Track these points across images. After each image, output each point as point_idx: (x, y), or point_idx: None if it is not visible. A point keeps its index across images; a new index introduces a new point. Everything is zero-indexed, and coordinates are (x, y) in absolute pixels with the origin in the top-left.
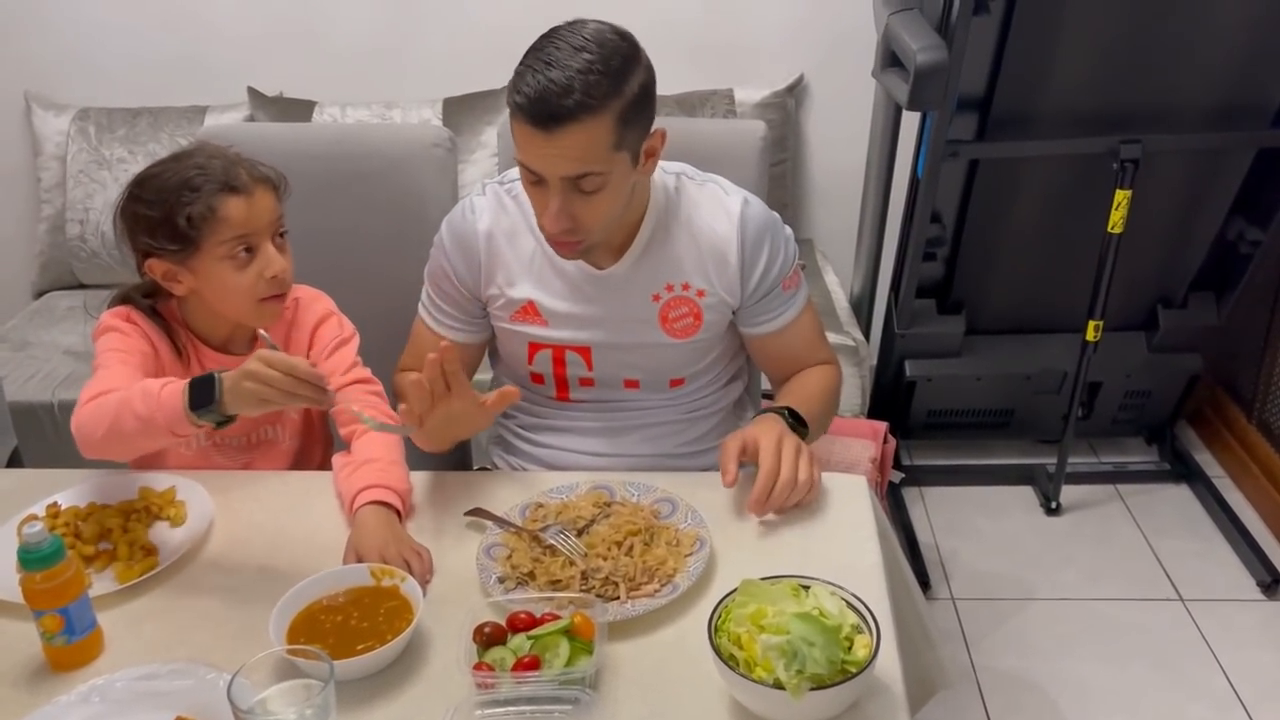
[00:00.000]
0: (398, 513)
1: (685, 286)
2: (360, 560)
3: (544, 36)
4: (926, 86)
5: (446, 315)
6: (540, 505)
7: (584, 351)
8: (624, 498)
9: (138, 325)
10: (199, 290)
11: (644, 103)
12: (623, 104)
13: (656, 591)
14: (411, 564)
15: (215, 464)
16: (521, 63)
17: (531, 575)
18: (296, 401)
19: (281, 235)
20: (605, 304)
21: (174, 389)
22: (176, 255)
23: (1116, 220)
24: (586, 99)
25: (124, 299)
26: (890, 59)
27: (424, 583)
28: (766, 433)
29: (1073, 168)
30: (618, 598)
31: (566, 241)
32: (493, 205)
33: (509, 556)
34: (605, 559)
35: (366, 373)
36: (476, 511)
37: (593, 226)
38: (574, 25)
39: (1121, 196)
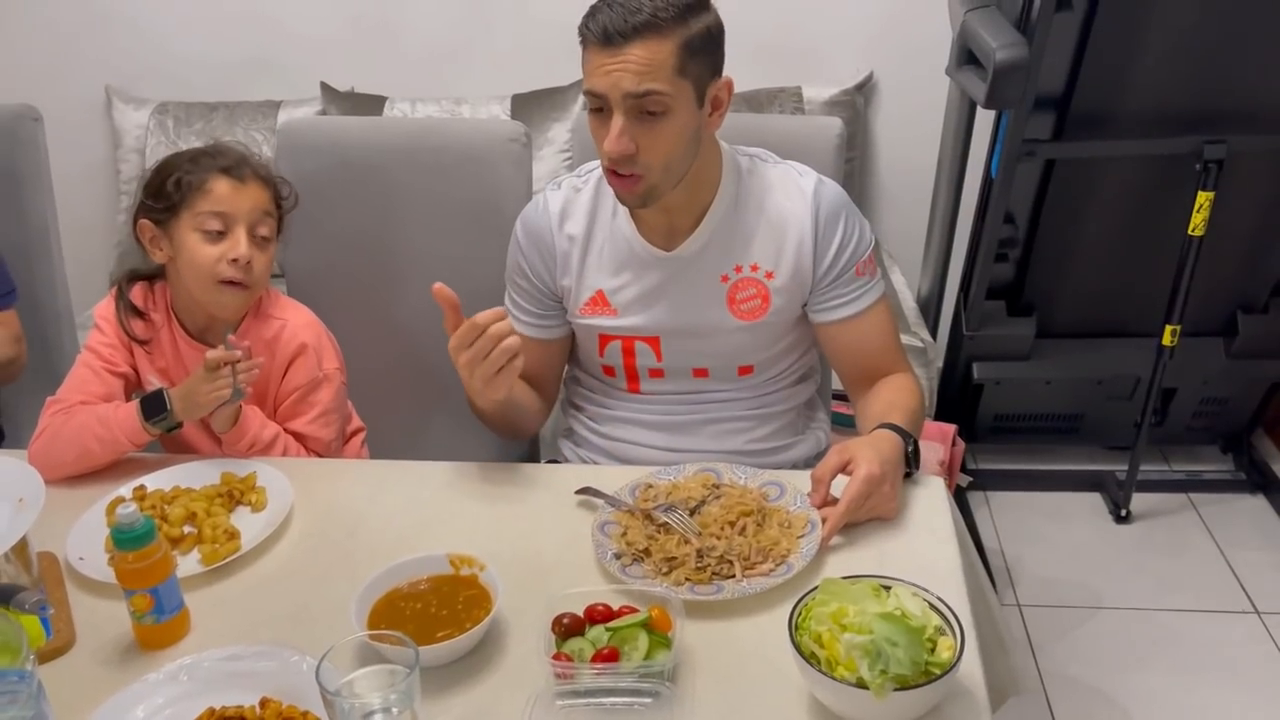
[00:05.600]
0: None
1: (754, 268)
2: None
3: None
4: (1005, 84)
5: (524, 312)
6: (650, 485)
7: (653, 342)
8: (731, 480)
9: (110, 323)
10: (174, 262)
11: (709, 44)
12: (689, 34)
13: (771, 571)
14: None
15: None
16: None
17: (647, 552)
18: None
19: (264, 237)
20: (673, 287)
21: (128, 410)
22: (160, 215)
23: (1198, 223)
24: (654, 18)
25: (128, 278)
26: (966, 56)
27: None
28: (869, 460)
29: (1152, 168)
30: (733, 576)
31: (626, 175)
32: (566, 196)
33: (623, 534)
34: (719, 538)
35: (323, 429)
36: (587, 490)
37: (653, 160)
38: None
39: (1204, 198)
